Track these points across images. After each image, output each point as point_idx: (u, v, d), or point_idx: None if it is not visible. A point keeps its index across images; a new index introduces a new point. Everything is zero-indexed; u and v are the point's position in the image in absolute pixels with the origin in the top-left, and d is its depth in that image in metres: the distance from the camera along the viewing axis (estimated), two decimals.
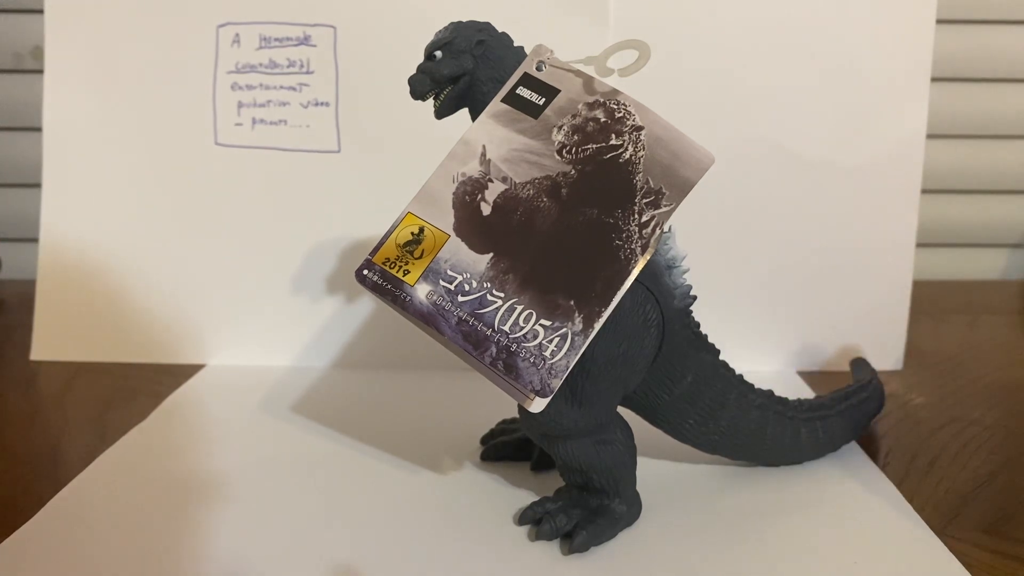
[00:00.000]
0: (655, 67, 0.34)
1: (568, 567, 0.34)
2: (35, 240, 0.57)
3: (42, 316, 0.57)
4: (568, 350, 0.30)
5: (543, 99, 0.34)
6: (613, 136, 0.33)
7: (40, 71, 0.56)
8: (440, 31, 0.36)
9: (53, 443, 0.45)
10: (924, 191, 0.56)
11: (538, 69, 0.34)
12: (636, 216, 0.32)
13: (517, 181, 0.33)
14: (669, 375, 0.37)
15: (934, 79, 0.55)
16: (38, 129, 0.56)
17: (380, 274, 0.32)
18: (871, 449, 0.45)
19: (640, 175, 0.32)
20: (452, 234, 0.32)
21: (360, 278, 0.32)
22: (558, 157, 0.33)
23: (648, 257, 0.31)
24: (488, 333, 0.30)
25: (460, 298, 0.31)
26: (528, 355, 0.30)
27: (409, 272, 0.31)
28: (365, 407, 0.50)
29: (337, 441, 0.45)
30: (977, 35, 0.77)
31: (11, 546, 0.34)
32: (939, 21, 0.54)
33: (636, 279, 0.31)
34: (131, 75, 0.56)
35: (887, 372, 0.56)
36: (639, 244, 0.31)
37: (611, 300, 0.31)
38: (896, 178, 0.55)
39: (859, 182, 0.55)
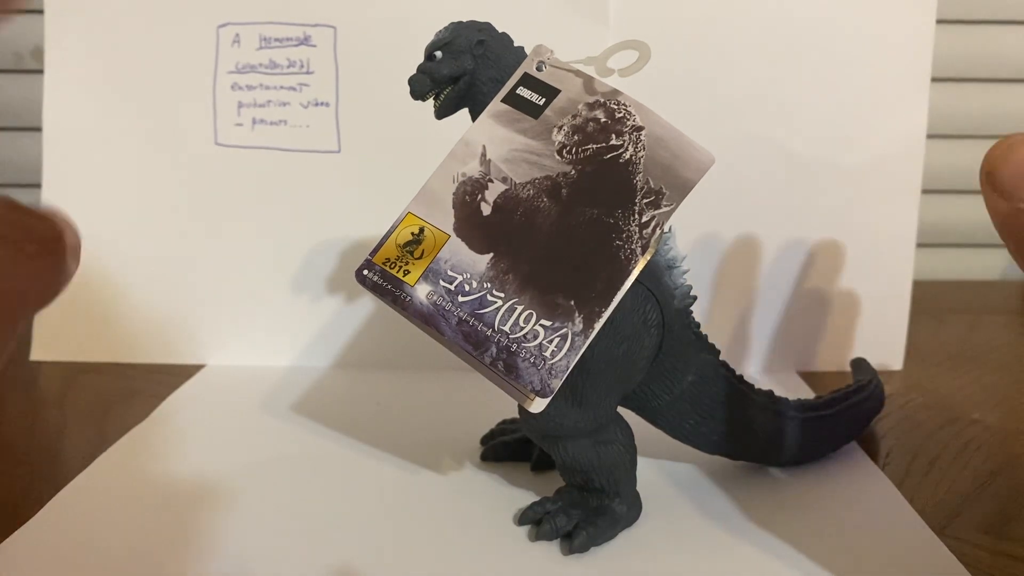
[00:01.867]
0: (655, 67, 0.33)
1: (568, 567, 0.34)
2: None
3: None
4: (568, 350, 0.30)
5: (543, 99, 0.34)
6: (613, 136, 0.33)
7: (40, 71, 0.56)
8: (440, 31, 0.36)
9: (53, 443, 0.45)
10: (924, 191, 0.56)
11: (538, 69, 0.34)
12: (636, 216, 0.32)
13: (517, 181, 0.33)
14: (669, 375, 0.37)
15: (934, 79, 0.54)
16: (38, 129, 0.56)
17: (380, 274, 0.32)
18: (871, 449, 0.45)
19: (640, 175, 0.32)
20: (452, 234, 0.32)
21: (360, 278, 0.32)
22: (558, 157, 0.33)
23: (648, 257, 0.31)
24: (488, 333, 0.30)
25: (460, 298, 0.31)
26: (528, 355, 0.30)
27: (409, 272, 0.31)
28: (365, 407, 0.50)
29: (337, 441, 0.45)
30: (977, 35, 0.77)
31: (11, 546, 0.34)
32: (939, 21, 0.54)
33: (636, 279, 0.31)
34: (131, 75, 0.56)
35: (887, 372, 0.56)
36: (639, 244, 0.31)
37: (611, 300, 0.31)
38: (896, 178, 0.55)
39: (859, 182, 0.55)
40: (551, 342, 0.30)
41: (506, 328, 0.30)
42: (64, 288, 0.20)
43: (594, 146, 0.33)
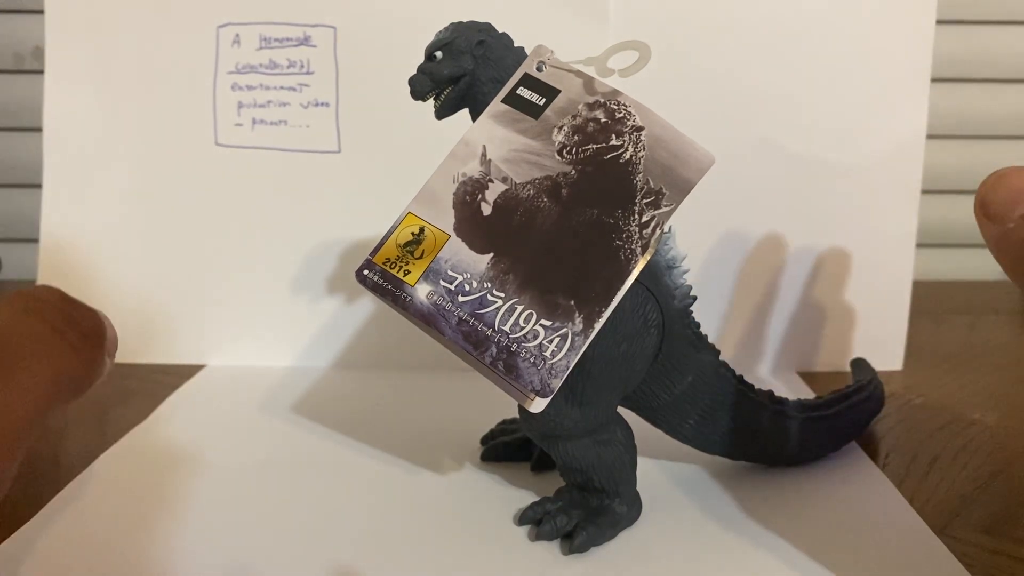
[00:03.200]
0: (655, 68, 0.33)
1: (568, 567, 0.34)
2: (35, 240, 0.57)
3: None
4: (568, 350, 0.30)
5: (543, 99, 0.34)
6: (613, 136, 0.33)
7: (40, 71, 0.56)
8: (440, 31, 0.36)
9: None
10: (924, 191, 0.56)
11: (538, 69, 0.34)
12: (636, 216, 0.32)
13: (517, 181, 0.33)
14: (669, 375, 0.37)
15: (934, 79, 0.54)
16: (38, 129, 0.56)
17: (380, 274, 0.32)
18: (871, 449, 0.45)
19: (640, 175, 0.32)
20: (452, 234, 0.32)
21: (360, 278, 0.32)
22: (558, 157, 0.33)
23: (648, 257, 0.31)
24: (488, 333, 0.30)
25: (460, 298, 0.31)
26: (528, 355, 0.30)
27: (409, 272, 0.31)
28: (365, 407, 0.50)
29: (337, 441, 0.45)
30: (977, 35, 0.77)
31: (11, 546, 0.34)
32: (939, 21, 0.54)
33: (636, 279, 0.31)
34: (131, 75, 0.56)
35: (887, 372, 0.56)
36: (639, 244, 0.31)
37: (611, 300, 0.31)
38: (896, 178, 0.55)
39: (859, 182, 0.55)
40: (551, 342, 0.30)
41: (506, 328, 0.30)
42: (97, 380, 0.21)
43: (594, 146, 0.33)
